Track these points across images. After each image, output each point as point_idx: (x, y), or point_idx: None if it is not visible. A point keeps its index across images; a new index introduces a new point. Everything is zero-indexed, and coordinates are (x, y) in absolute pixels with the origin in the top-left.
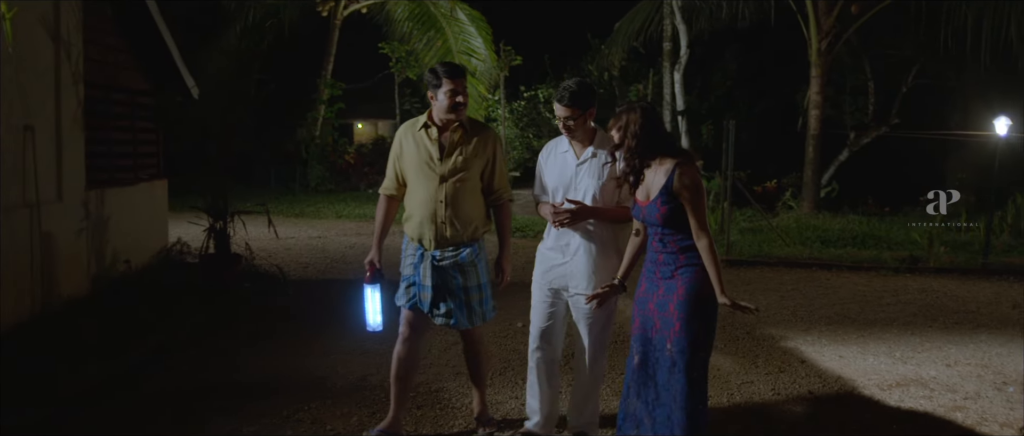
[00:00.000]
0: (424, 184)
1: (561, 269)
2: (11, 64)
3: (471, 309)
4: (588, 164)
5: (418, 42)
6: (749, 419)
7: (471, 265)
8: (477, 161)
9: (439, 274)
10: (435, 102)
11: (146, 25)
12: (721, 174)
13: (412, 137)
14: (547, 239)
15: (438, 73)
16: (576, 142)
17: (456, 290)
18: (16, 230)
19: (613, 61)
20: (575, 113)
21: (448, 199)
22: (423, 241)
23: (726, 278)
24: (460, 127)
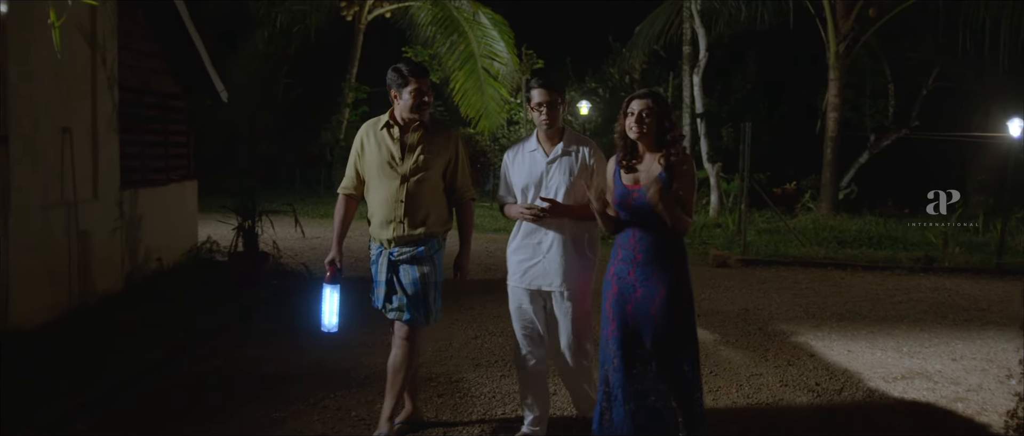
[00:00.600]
0: (385, 184)
1: (535, 268)
2: (50, 69)
3: (426, 305)
4: (558, 162)
5: (441, 46)
6: (755, 410)
7: (428, 260)
8: (439, 160)
9: (393, 269)
10: (399, 101)
11: (177, 31)
12: (739, 176)
13: (374, 136)
14: (515, 239)
15: (403, 72)
16: (544, 140)
17: (410, 284)
18: (55, 228)
19: (634, 64)
20: (556, 97)
21: (409, 199)
22: (383, 240)
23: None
24: (422, 126)
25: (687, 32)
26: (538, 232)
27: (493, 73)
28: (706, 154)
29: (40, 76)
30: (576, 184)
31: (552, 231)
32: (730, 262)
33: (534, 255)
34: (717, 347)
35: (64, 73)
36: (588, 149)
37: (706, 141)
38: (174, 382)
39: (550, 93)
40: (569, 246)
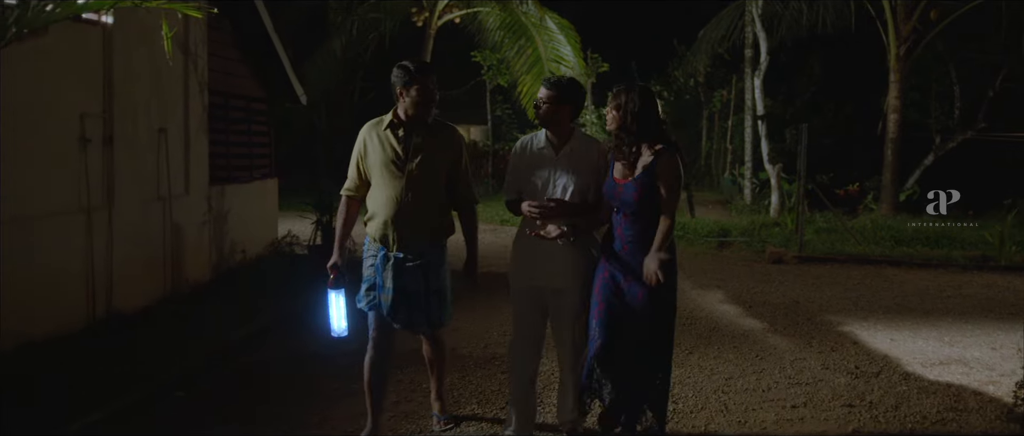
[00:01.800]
0: (388, 184)
1: (539, 267)
2: (148, 75)
3: (432, 313)
4: (566, 159)
5: (509, 50)
6: (795, 386)
7: (433, 266)
8: (442, 162)
9: (401, 276)
10: (404, 99)
11: (261, 39)
12: (798, 176)
13: (376, 136)
14: (518, 238)
15: (410, 71)
16: (553, 138)
17: (418, 293)
18: (151, 220)
19: (698, 67)
20: (552, 98)
21: (412, 199)
22: (386, 242)
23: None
24: (426, 126)
25: (749, 36)
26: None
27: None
28: (767, 155)
29: (140, 81)
30: (585, 183)
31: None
32: (786, 259)
33: (538, 253)
34: (764, 334)
35: (160, 78)
36: (595, 146)
37: (767, 143)
38: (259, 359)
39: (548, 92)
40: (574, 244)
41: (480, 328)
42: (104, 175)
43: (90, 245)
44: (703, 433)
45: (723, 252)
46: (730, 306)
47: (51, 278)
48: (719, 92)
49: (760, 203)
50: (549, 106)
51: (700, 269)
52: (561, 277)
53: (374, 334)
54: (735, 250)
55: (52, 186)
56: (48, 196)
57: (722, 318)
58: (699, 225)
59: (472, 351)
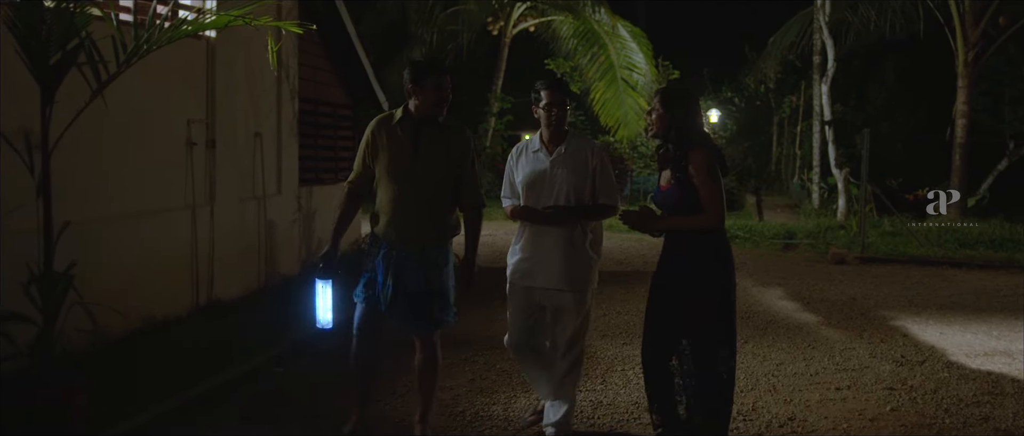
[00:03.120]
0: (396, 181)
1: (537, 267)
2: (246, 83)
3: (431, 313)
4: (562, 160)
5: (582, 58)
6: (841, 372)
7: (436, 268)
8: (451, 161)
9: (403, 275)
10: (419, 98)
11: (346, 49)
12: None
13: (386, 132)
14: (519, 240)
15: (425, 68)
16: (548, 141)
17: (418, 293)
18: (248, 217)
19: (768, 74)
20: (563, 99)
21: (419, 197)
22: (390, 239)
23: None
24: (437, 125)
25: (817, 43)
26: (541, 232)
27: (632, 83)
28: (834, 160)
29: (238, 90)
30: (581, 184)
31: (555, 230)
32: (848, 259)
33: (536, 254)
34: (818, 327)
35: (256, 86)
36: (590, 147)
37: (834, 148)
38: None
39: (557, 95)
40: (571, 245)
41: None
42: (207, 175)
43: (195, 239)
44: (751, 409)
45: (788, 253)
46: (788, 302)
47: (164, 267)
48: (789, 98)
49: (828, 207)
50: (561, 109)
51: (763, 268)
52: (558, 278)
53: (358, 329)
54: (800, 251)
55: (164, 186)
56: (161, 194)
57: (779, 312)
58: (766, 228)
59: None
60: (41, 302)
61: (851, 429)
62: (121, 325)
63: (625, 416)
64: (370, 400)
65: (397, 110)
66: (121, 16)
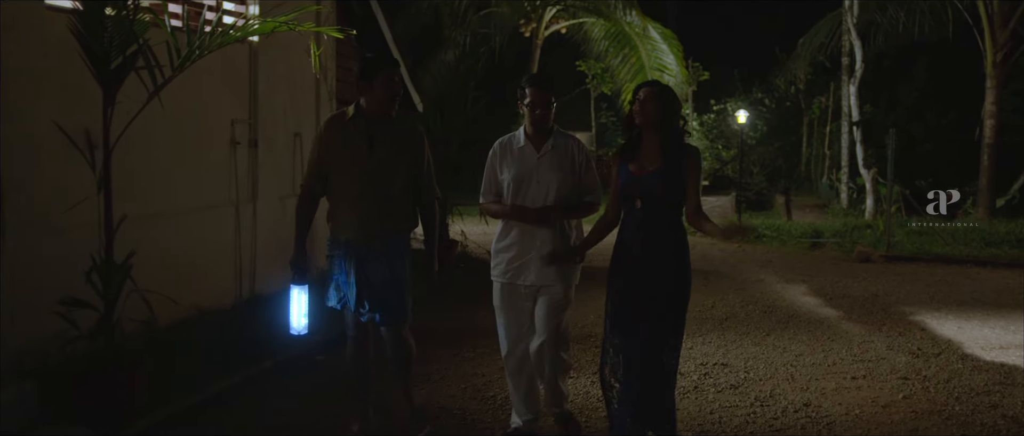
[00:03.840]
0: (351, 179)
1: (523, 265)
2: (286, 84)
3: (395, 305)
4: (548, 157)
5: (614, 59)
6: (857, 363)
7: (397, 257)
8: (405, 155)
9: (362, 268)
10: (369, 94)
11: (382, 48)
12: (888, 179)
13: (339, 130)
14: (503, 238)
15: (374, 64)
16: (534, 137)
17: (380, 284)
18: (288, 214)
19: (798, 75)
20: (549, 96)
21: (374, 193)
22: (349, 236)
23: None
24: (389, 121)
25: (846, 44)
26: (531, 230)
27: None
28: (862, 160)
29: (279, 91)
30: (567, 180)
31: (540, 229)
32: (873, 258)
33: (523, 252)
34: (838, 321)
35: (295, 87)
36: (575, 144)
37: (862, 148)
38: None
39: (543, 93)
40: (559, 241)
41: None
42: (250, 174)
43: (238, 235)
44: (768, 396)
45: (814, 252)
46: (811, 298)
47: (209, 261)
48: (818, 99)
49: (857, 207)
50: (546, 108)
51: (788, 266)
52: (550, 274)
53: (351, 331)
54: (826, 250)
55: (210, 183)
56: (207, 192)
57: (801, 307)
58: (793, 227)
59: None
60: (102, 289)
61: (863, 414)
62: (171, 314)
63: None
64: (371, 405)
65: (350, 108)
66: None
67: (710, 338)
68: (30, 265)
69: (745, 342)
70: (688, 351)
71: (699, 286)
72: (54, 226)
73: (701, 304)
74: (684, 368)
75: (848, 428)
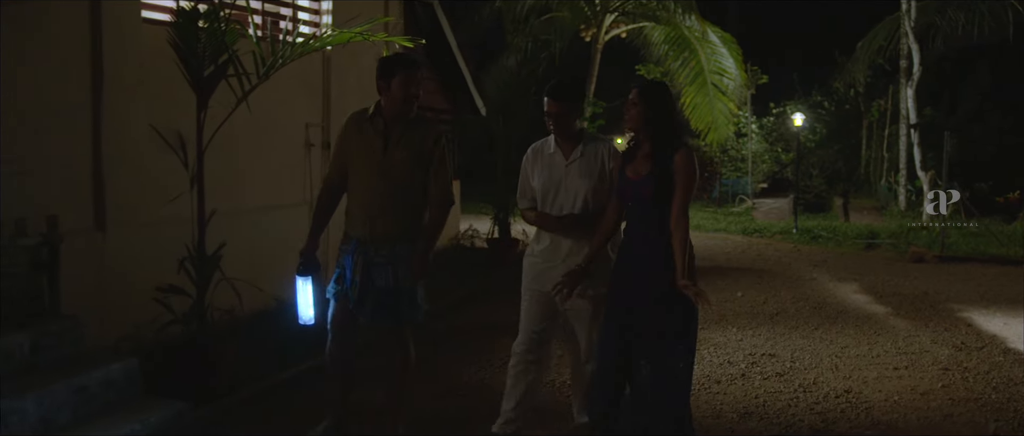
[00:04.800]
0: (365, 176)
1: (553, 273)
2: (357, 88)
3: (398, 308)
4: (578, 164)
5: (673, 63)
6: (902, 355)
7: (402, 264)
8: (420, 157)
9: (369, 270)
10: (386, 96)
11: (447, 58)
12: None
13: (358, 128)
14: (535, 244)
15: (392, 64)
16: (563, 143)
17: (384, 289)
18: None
19: (857, 78)
20: (562, 108)
21: (387, 193)
22: (360, 235)
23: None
24: (406, 122)
25: (904, 47)
26: (560, 238)
27: (722, 88)
28: (919, 163)
29: (350, 95)
30: (598, 187)
31: (571, 238)
32: (926, 258)
33: (553, 259)
34: (886, 317)
35: (365, 92)
36: (606, 150)
37: (919, 151)
38: (445, 327)
39: (557, 104)
40: (586, 248)
41: None
42: (322, 174)
43: None
44: (812, 384)
45: (869, 253)
46: (861, 295)
47: (286, 256)
48: (877, 102)
49: (915, 209)
50: (561, 118)
51: (842, 266)
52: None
53: (332, 325)
54: (881, 251)
55: (287, 182)
56: (284, 190)
57: (851, 304)
58: (849, 228)
59: None
60: (195, 277)
61: (902, 401)
62: (253, 304)
63: (696, 388)
64: (345, 404)
65: (371, 106)
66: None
67: (760, 331)
68: (126, 257)
69: (793, 335)
70: (738, 343)
71: (752, 283)
72: (147, 221)
73: (753, 300)
74: (732, 358)
75: (886, 412)
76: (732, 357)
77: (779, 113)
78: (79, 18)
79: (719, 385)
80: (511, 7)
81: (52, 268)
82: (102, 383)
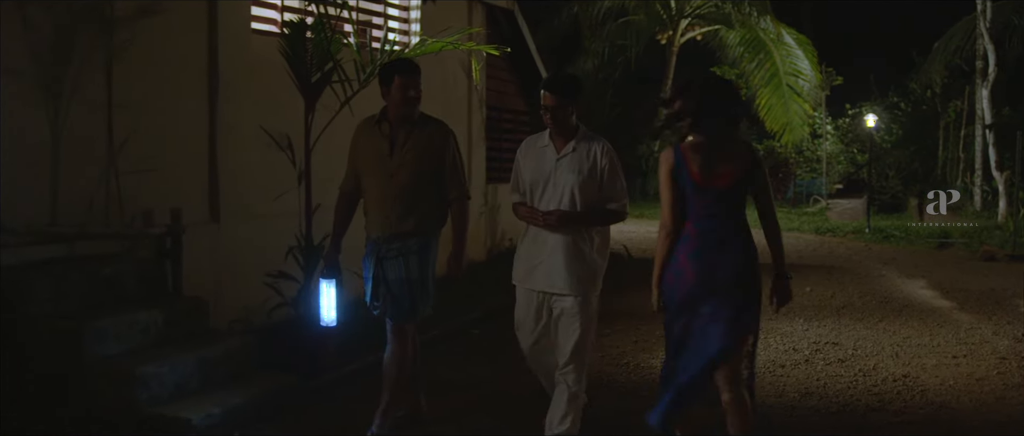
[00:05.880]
0: (376, 180)
1: (539, 269)
2: (441, 93)
3: (406, 302)
4: (568, 159)
5: (748, 64)
6: (963, 345)
7: (414, 255)
8: (427, 157)
9: (380, 264)
10: (387, 99)
11: (526, 61)
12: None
13: (366, 133)
14: (522, 240)
15: (390, 70)
16: (557, 137)
17: (395, 281)
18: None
19: (934, 78)
20: (558, 102)
21: (397, 194)
22: (373, 234)
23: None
24: (412, 123)
25: (979, 48)
26: (543, 233)
27: (797, 89)
28: (995, 163)
29: (435, 99)
30: (587, 183)
31: (553, 233)
32: (998, 256)
33: (539, 255)
34: (950, 311)
35: (450, 96)
36: (600, 147)
37: (995, 151)
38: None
39: (554, 97)
40: (574, 247)
41: None
42: None
43: None
44: (872, 369)
45: (941, 252)
46: (928, 291)
47: None
48: (954, 102)
49: (990, 209)
50: (557, 111)
51: (912, 263)
52: (559, 282)
53: (389, 331)
54: (953, 250)
55: None
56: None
57: (917, 299)
58: (923, 228)
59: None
60: (303, 264)
61: (957, 386)
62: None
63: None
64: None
65: (379, 112)
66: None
67: (826, 322)
68: (238, 246)
69: (857, 326)
70: (803, 332)
71: (821, 279)
72: (257, 214)
73: (821, 295)
74: (797, 345)
75: (940, 395)
76: (797, 345)
77: (854, 114)
78: (198, 30)
79: (783, 369)
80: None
81: (175, 255)
82: (224, 356)
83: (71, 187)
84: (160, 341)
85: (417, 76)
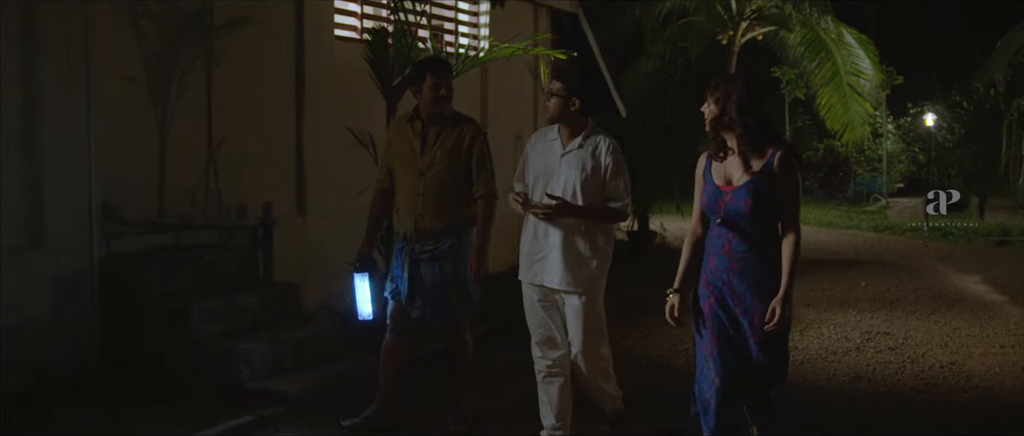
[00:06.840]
0: (407, 177)
1: (541, 263)
2: (508, 96)
3: (446, 304)
4: (573, 155)
5: (809, 64)
6: (1009, 336)
7: (449, 257)
8: (457, 155)
9: (415, 267)
10: (418, 98)
11: (589, 62)
12: None
13: (399, 131)
14: (526, 232)
15: (423, 68)
16: (565, 131)
17: (432, 284)
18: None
19: (997, 77)
20: (560, 89)
21: (427, 192)
22: (405, 233)
23: None
24: (443, 121)
25: None
26: (545, 227)
27: (858, 89)
28: None
29: (503, 101)
30: (589, 181)
31: (558, 227)
32: None
33: (540, 249)
34: (1002, 305)
35: (516, 98)
36: (606, 144)
37: None
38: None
39: (559, 85)
40: (575, 241)
41: None
42: None
43: None
44: (920, 356)
45: (999, 250)
46: (982, 286)
47: None
48: (1017, 101)
49: None
50: (558, 99)
51: (969, 260)
52: (561, 279)
53: (390, 321)
54: (1012, 248)
55: None
56: None
57: (969, 293)
58: (982, 226)
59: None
60: (384, 252)
61: (1002, 372)
62: None
63: (814, 357)
64: (391, 395)
65: (412, 109)
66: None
67: (878, 314)
68: (322, 238)
69: (909, 318)
70: (856, 322)
71: (877, 274)
72: (339, 208)
73: (875, 289)
74: (850, 335)
75: (984, 380)
76: (849, 334)
77: (916, 113)
78: (287, 37)
79: (835, 356)
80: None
81: (267, 245)
82: (315, 336)
83: (176, 183)
84: (256, 322)
85: (448, 75)
